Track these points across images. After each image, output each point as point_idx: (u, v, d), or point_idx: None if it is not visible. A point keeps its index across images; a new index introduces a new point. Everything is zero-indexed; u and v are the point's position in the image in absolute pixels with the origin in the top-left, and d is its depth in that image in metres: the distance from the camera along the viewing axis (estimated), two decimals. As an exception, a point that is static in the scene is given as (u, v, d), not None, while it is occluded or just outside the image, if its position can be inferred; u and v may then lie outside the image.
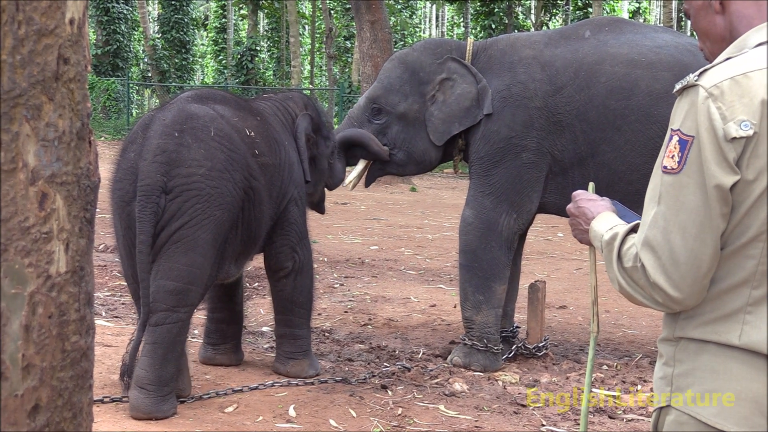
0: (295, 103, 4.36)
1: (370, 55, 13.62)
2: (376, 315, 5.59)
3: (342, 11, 30.54)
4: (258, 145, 3.85)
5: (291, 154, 4.13)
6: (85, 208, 1.34)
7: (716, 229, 1.46)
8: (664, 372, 1.56)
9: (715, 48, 1.59)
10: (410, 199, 13.05)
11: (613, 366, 4.57)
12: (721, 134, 1.44)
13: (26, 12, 1.22)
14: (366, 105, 4.71)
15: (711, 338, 1.49)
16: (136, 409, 3.50)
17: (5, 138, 1.21)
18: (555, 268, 7.58)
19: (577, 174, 4.42)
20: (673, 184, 1.48)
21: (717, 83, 1.46)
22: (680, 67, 4.33)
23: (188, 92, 3.95)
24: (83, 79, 1.32)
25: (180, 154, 3.53)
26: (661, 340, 1.59)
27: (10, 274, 1.22)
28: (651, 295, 1.51)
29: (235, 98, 4.14)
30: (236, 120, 3.82)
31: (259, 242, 3.97)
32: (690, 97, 1.48)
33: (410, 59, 4.68)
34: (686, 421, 1.50)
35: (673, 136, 1.50)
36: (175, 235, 3.51)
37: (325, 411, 3.70)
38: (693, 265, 1.47)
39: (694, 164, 1.46)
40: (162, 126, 3.59)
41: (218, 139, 3.63)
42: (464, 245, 4.53)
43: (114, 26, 26.88)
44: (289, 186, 4.07)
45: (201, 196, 3.53)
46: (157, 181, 3.48)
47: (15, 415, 1.23)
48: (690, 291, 1.48)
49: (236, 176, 3.66)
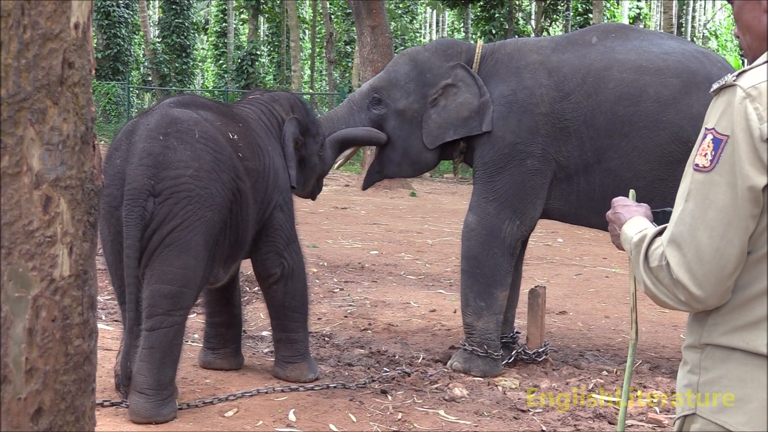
0: (281, 106, 4.34)
1: (370, 59, 13.62)
2: (375, 320, 5.59)
3: (342, 16, 30.56)
4: (241, 149, 3.85)
5: (276, 159, 4.12)
6: (89, 211, 1.34)
7: (744, 230, 1.45)
8: (689, 380, 1.55)
9: (754, 43, 1.58)
10: (410, 204, 13.04)
11: (613, 371, 4.57)
12: (757, 134, 1.44)
13: (32, 16, 1.23)
14: (368, 92, 4.71)
15: (738, 345, 1.48)
16: (136, 413, 3.50)
17: (10, 142, 1.21)
18: (555, 274, 7.57)
19: (582, 180, 4.41)
20: (704, 182, 1.48)
21: (755, 84, 1.46)
22: (688, 73, 4.32)
23: (170, 98, 3.96)
24: (88, 83, 1.33)
25: (166, 157, 3.52)
26: (687, 347, 1.57)
27: (14, 278, 1.22)
28: (674, 294, 1.50)
29: (217, 104, 4.15)
30: (219, 124, 3.83)
31: (245, 246, 3.96)
32: (727, 97, 1.48)
33: (421, 58, 4.67)
34: (714, 429, 1.49)
35: (707, 134, 1.49)
36: (167, 238, 3.50)
37: (325, 415, 3.70)
38: (718, 264, 1.46)
39: (726, 163, 1.45)
40: (146, 130, 3.58)
41: (203, 141, 3.63)
42: (467, 251, 4.52)
43: (114, 30, 26.90)
44: (274, 192, 4.05)
45: (191, 197, 3.52)
46: (144, 184, 3.47)
47: (18, 418, 1.23)
48: (713, 290, 1.47)
49: (224, 177, 3.65)
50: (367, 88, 4.75)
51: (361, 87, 4.86)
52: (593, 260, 8.52)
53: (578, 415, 3.88)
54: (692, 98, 4.26)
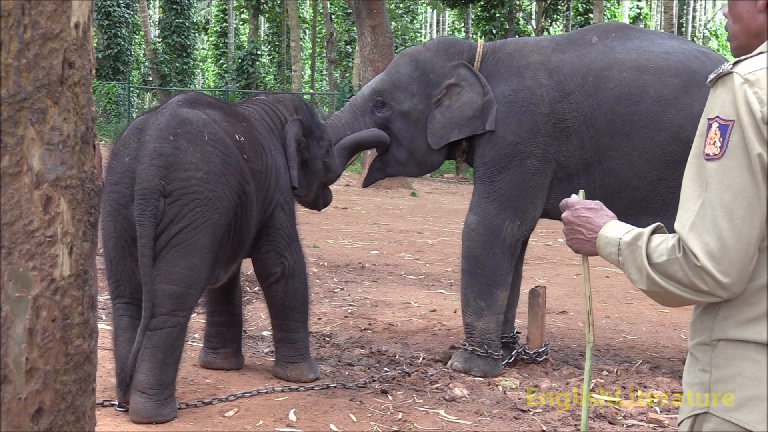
0: (285, 107, 4.34)
1: (370, 59, 13.63)
2: (376, 320, 5.59)
3: (343, 16, 30.56)
4: (247, 150, 3.86)
5: (278, 159, 4.12)
6: (89, 211, 1.34)
7: (762, 211, 1.46)
8: (701, 378, 1.54)
9: (741, 36, 1.60)
10: (410, 204, 13.04)
11: (613, 372, 4.57)
12: (759, 116, 1.46)
13: (32, 16, 1.22)
14: (371, 95, 4.69)
15: (753, 338, 1.48)
16: (136, 413, 3.50)
17: (10, 141, 1.21)
18: (555, 274, 7.57)
19: (582, 180, 4.40)
20: (717, 169, 1.48)
21: (753, 71, 1.49)
22: (688, 73, 4.32)
23: (178, 96, 3.95)
24: (88, 83, 1.33)
25: (177, 158, 3.54)
26: (697, 344, 1.56)
27: (15, 278, 1.22)
28: (693, 284, 1.49)
29: (222, 103, 4.15)
30: (227, 125, 3.83)
31: (245, 247, 3.97)
32: (726, 84, 1.50)
33: (423, 59, 4.65)
34: (729, 428, 1.48)
35: (712, 124, 1.50)
36: (174, 239, 3.51)
37: (326, 415, 3.70)
38: (741, 249, 1.46)
39: (737, 146, 1.47)
40: (157, 130, 3.59)
41: (213, 144, 3.64)
42: (467, 251, 4.52)
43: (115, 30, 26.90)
44: (275, 192, 4.06)
45: (200, 200, 3.54)
46: (155, 184, 3.49)
47: (18, 418, 1.23)
48: (738, 276, 1.46)
49: (231, 180, 3.66)
50: (369, 91, 4.72)
51: (362, 90, 4.83)
52: (593, 260, 8.49)
53: (578, 415, 3.88)
54: (692, 98, 4.26)
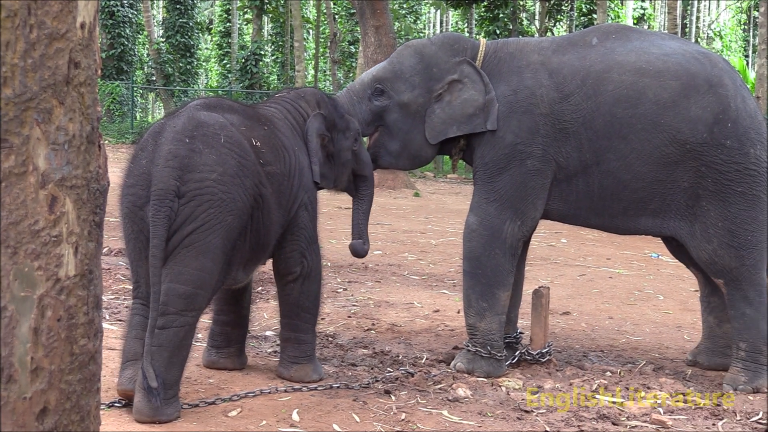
0: (306, 103, 4.35)
1: (374, 60, 13.63)
2: (379, 320, 5.59)
3: (346, 16, 30.57)
4: (265, 154, 3.87)
5: (302, 158, 4.14)
6: (95, 211, 1.34)
7: None
8: None
9: None
10: (414, 204, 13.04)
11: (616, 372, 4.57)
12: None
13: (38, 16, 1.22)
14: (370, 82, 4.67)
15: None
16: (140, 412, 3.50)
17: (16, 141, 1.21)
18: (558, 274, 7.57)
19: (581, 182, 4.41)
20: None
21: None
22: (687, 76, 4.33)
23: (197, 100, 3.98)
24: (93, 83, 1.33)
25: (192, 160, 3.57)
26: None
27: (20, 277, 1.22)
28: None
29: (243, 106, 4.15)
30: (244, 129, 3.85)
31: (268, 249, 3.99)
32: None
33: (427, 52, 4.64)
34: None
35: None
36: (186, 239, 3.54)
37: (329, 416, 3.70)
38: None
39: None
40: (173, 133, 3.63)
41: (228, 146, 3.66)
42: (468, 252, 4.52)
43: (119, 30, 26.96)
44: (299, 191, 4.07)
45: (213, 201, 3.56)
46: (170, 185, 3.51)
47: (23, 417, 1.24)
48: None
49: (246, 182, 3.68)
50: (369, 78, 4.70)
51: (361, 76, 4.80)
52: (597, 261, 8.52)
53: (582, 415, 3.88)
54: (690, 101, 4.30)
